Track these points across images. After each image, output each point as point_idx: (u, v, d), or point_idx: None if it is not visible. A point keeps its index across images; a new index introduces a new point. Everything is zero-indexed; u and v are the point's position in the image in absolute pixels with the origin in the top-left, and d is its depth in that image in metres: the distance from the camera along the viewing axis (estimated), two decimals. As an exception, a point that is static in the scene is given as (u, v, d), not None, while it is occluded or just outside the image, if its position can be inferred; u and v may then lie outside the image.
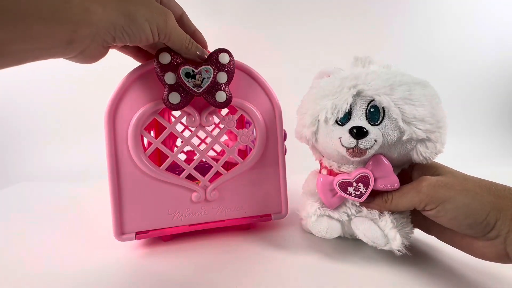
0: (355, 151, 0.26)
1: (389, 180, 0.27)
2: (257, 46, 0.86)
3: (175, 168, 0.37)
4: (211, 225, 0.35)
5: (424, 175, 0.27)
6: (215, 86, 0.30)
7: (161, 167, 0.32)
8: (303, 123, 0.31)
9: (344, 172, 0.30)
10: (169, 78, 0.28)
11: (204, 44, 0.31)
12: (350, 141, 0.26)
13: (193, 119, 0.32)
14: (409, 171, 0.30)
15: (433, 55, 0.94)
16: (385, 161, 0.27)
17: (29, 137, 0.84)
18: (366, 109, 0.27)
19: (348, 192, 0.29)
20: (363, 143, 0.25)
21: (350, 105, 0.27)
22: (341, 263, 0.30)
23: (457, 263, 0.29)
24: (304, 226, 0.37)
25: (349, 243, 0.34)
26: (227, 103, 0.30)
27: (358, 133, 0.25)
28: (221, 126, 0.35)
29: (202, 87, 0.29)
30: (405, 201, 0.26)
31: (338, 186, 0.29)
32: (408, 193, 0.26)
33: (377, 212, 0.29)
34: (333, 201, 0.30)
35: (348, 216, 0.31)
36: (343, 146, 0.26)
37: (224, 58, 0.30)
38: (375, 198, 0.29)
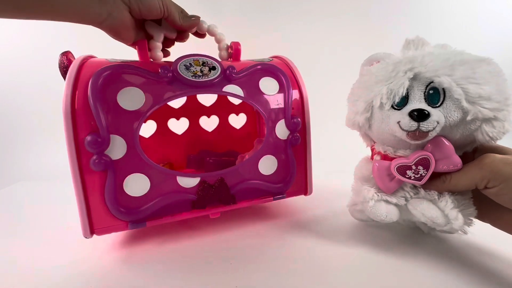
0: (416, 134, 0.25)
1: (451, 161, 0.26)
2: (258, 44, 0.82)
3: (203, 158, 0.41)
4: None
5: None
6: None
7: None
8: (355, 110, 0.30)
9: (400, 156, 0.29)
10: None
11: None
12: (411, 124, 0.25)
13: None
14: (472, 154, 0.29)
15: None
16: (446, 142, 0.26)
17: (27, 137, 0.84)
18: (425, 92, 0.26)
19: (407, 176, 0.28)
20: (425, 125, 0.24)
21: (407, 89, 0.26)
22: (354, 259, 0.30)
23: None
24: (352, 214, 0.36)
25: (373, 238, 0.33)
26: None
27: (419, 115, 0.24)
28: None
29: None
30: (465, 179, 0.25)
31: (396, 170, 0.28)
32: (469, 170, 0.25)
33: (436, 193, 0.28)
34: (390, 185, 0.29)
35: (406, 200, 0.30)
36: (403, 129, 0.26)
37: None
38: (433, 179, 0.28)
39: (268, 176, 0.37)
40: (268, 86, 0.37)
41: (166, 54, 0.37)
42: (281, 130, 0.37)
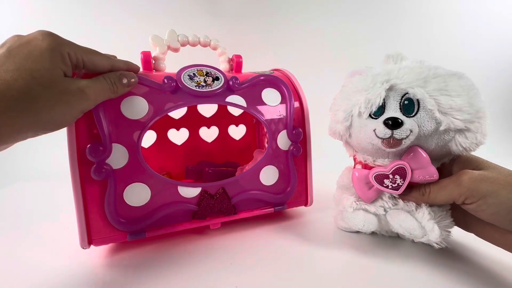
0: (391, 142, 0.26)
1: (427, 171, 0.26)
2: (259, 44, 0.86)
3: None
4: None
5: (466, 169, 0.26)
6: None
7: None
8: (336, 119, 0.31)
9: (379, 165, 0.29)
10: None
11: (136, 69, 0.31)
12: (385, 132, 0.26)
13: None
14: (450, 165, 0.29)
15: (432, 55, 0.91)
16: (422, 152, 0.27)
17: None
18: (400, 102, 0.27)
19: (384, 185, 0.28)
20: (398, 133, 0.25)
21: (384, 99, 0.27)
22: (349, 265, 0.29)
23: (493, 263, 0.28)
24: (337, 223, 0.36)
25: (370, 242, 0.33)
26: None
27: (393, 123, 0.25)
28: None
29: None
30: (443, 194, 0.26)
31: (374, 178, 0.28)
32: (448, 186, 0.25)
33: (414, 204, 0.28)
34: (369, 194, 0.30)
35: (384, 210, 0.30)
36: (378, 137, 0.26)
37: None
38: (412, 191, 0.28)
39: (269, 186, 0.37)
40: (270, 97, 0.37)
41: None
42: (283, 141, 0.37)
